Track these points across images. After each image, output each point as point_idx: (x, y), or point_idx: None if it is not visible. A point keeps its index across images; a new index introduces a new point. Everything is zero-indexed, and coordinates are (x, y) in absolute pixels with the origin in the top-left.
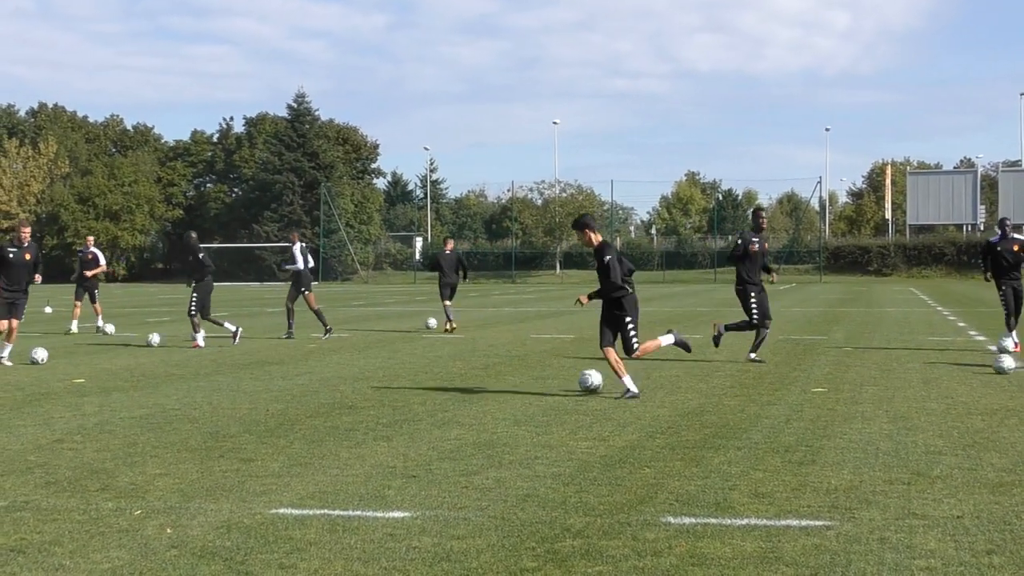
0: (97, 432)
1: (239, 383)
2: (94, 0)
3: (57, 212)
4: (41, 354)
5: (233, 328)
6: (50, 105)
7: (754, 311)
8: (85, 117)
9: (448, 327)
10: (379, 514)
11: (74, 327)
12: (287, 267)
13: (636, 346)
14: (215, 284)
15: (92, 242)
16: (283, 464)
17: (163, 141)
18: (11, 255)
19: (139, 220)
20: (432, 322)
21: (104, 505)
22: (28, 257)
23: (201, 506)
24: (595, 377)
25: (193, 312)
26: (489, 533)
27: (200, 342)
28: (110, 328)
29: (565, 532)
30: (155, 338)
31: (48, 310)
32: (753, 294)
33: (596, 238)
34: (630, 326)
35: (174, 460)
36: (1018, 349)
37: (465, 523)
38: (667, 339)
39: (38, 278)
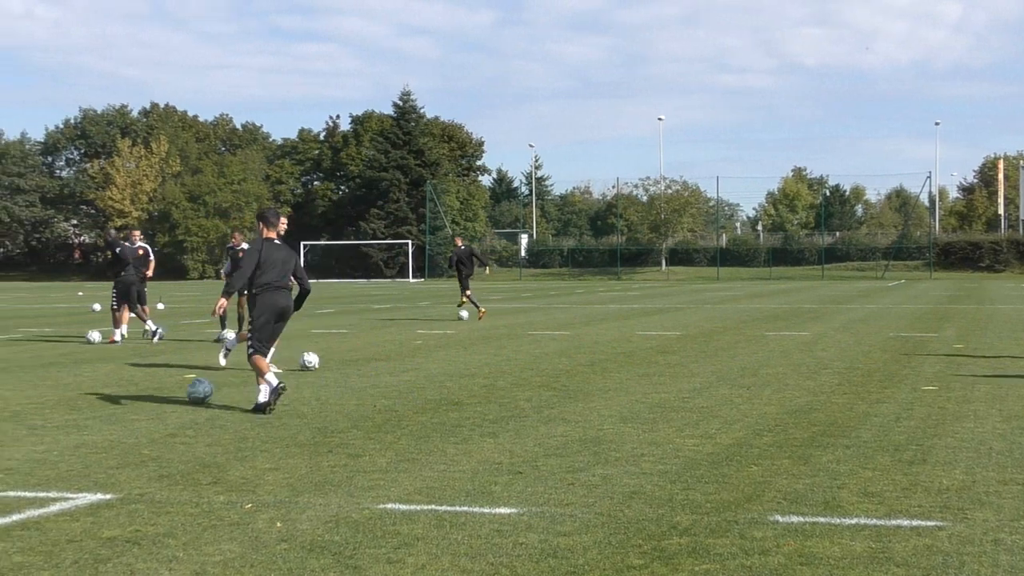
0: (208, 427)
1: (346, 379)
2: (206, 1)
3: (168, 210)
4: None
5: (153, 328)
6: (162, 105)
7: None
8: (195, 116)
9: (480, 313)
10: (485, 510)
11: (117, 336)
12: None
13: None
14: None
15: (140, 236)
16: (390, 460)
17: (271, 139)
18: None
19: (248, 218)
20: (464, 314)
21: (216, 499)
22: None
23: (310, 500)
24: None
25: (114, 307)
26: (595, 530)
27: (117, 337)
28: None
29: (672, 530)
30: (94, 335)
31: (161, 306)
32: None
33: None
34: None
35: (283, 455)
36: None
37: (571, 520)
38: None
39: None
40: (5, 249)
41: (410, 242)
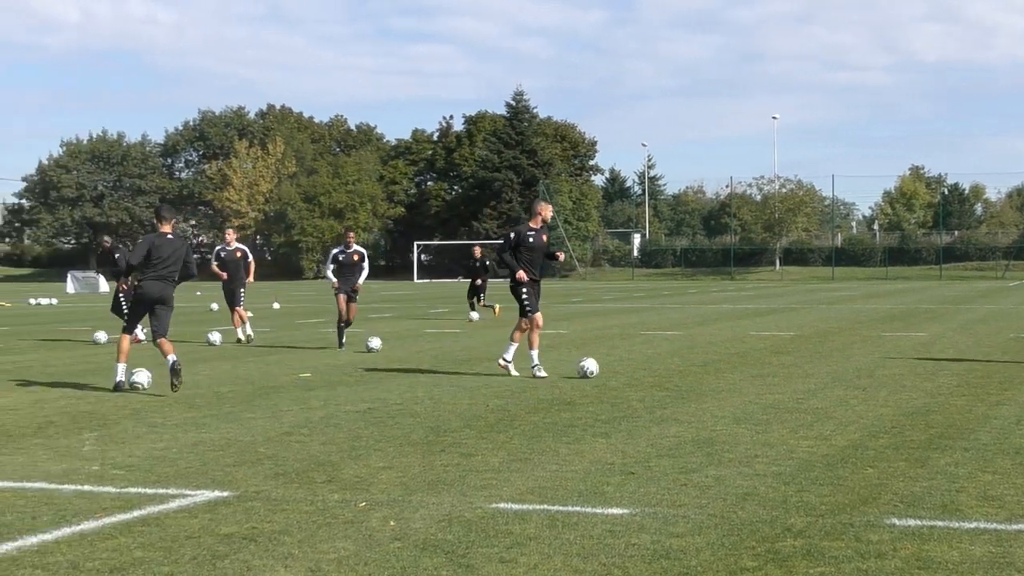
0: (323, 425)
1: (459, 379)
2: (321, 3)
3: (284, 210)
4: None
5: (247, 335)
6: (278, 107)
7: None
8: (311, 118)
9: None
10: (598, 510)
11: (240, 334)
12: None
13: None
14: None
15: (234, 237)
16: (503, 459)
17: (385, 140)
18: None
19: (362, 218)
20: (475, 315)
21: (330, 497)
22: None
23: (423, 499)
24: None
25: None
26: (708, 531)
27: (140, 336)
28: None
29: (786, 532)
30: (101, 336)
31: (276, 306)
32: None
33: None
34: None
35: (397, 454)
36: None
37: (684, 521)
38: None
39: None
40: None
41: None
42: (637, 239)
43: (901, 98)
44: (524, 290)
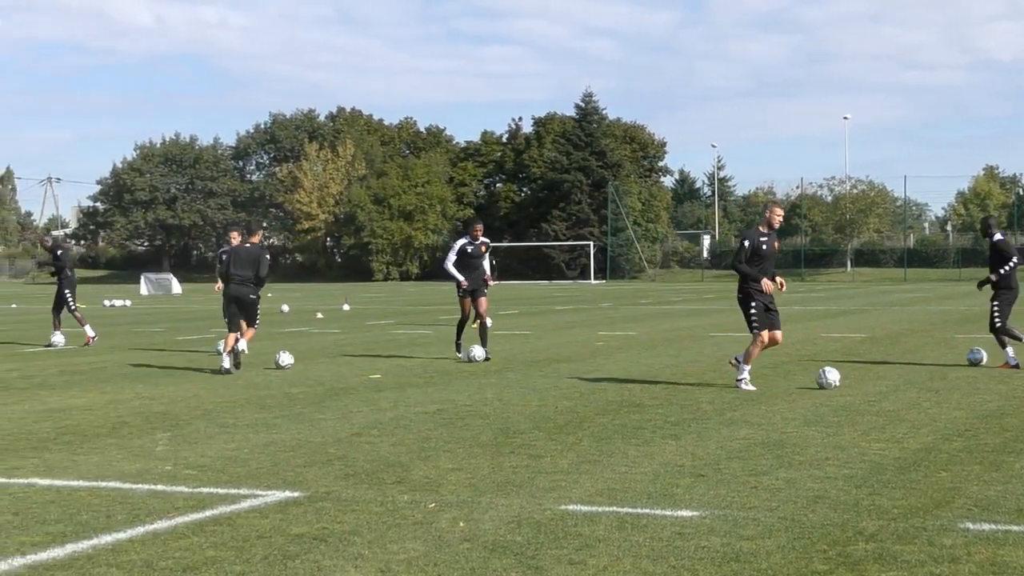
0: (393, 426)
1: (529, 380)
2: (392, 6)
3: (354, 213)
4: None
5: (92, 333)
6: (348, 109)
7: None
8: (380, 120)
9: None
10: (667, 512)
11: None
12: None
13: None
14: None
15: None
16: (572, 461)
17: (454, 142)
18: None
19: (431, 219)
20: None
21: (400, 498)
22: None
23: (492, 501)
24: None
25: (73, 308)
26: (779, 534)
27: (90, 332)
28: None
29: (857, 535)
30: (59, 338)
31: (346, 307)
32: None
33: None
34: None
35: (466, 455)
36: None
37: (754, 523)
38: None
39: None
40: (199, 251)
41: (592, 243)
42: (707, 240)
43: (975, 97)
44: (754, 304)
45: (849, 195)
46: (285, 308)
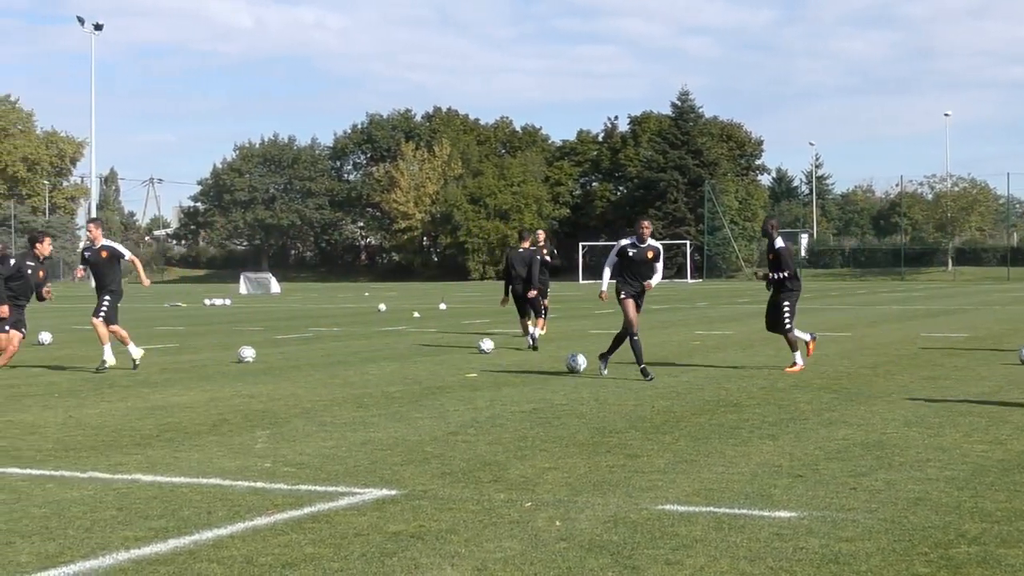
0: (489, 425)
1: (625, 380)
2: (488, 6)
3: (450, 212)
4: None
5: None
6: (444, 109)
7: None
8: (476, 120)
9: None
10: (765, 513)
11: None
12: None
13: None
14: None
15: (101, 233)
16: (669, 460)
17: (550, 141)
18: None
19: (527, 219)
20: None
21: (496, 496)
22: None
23: (589, 500)
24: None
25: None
26: (879, 536)
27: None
28: None
29: (960, 538)
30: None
31: (443, 307)
32: None
33: None
34: None
35: (562, 454)
36: None
37: (854, 525)
38: None
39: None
40: (297, 251)
41: (688, 242)
42: (805, 239)
43: None
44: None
45: (950, 193)
46: (382, 307)
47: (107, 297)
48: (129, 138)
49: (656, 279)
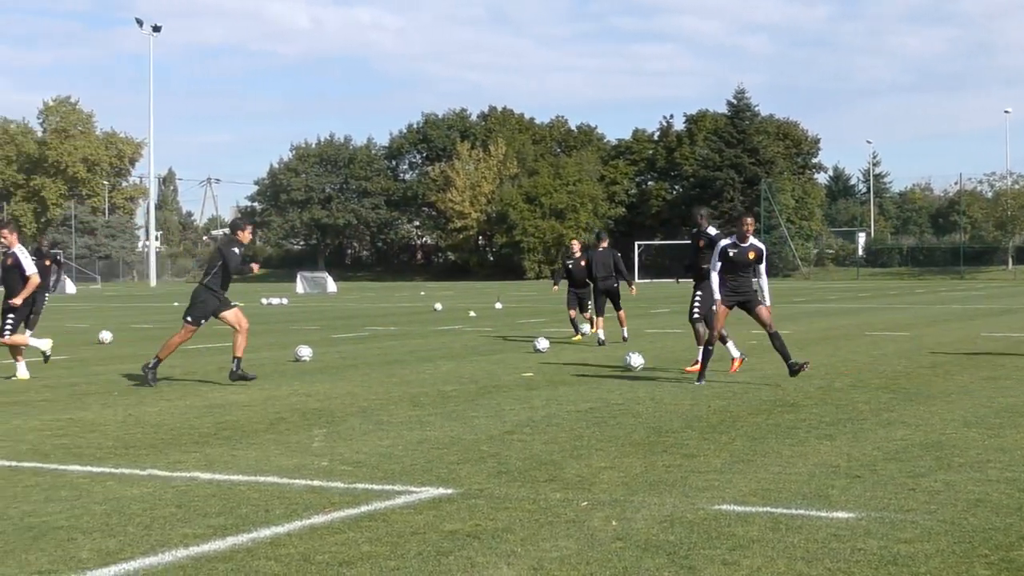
0: (545, 424)
1: (681, 379)
2: (544, 4)
3: (506, 211)
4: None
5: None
6: (499, 108)
7: None
8: (532, 119)
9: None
10: (822, 513)
11: None
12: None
13: None
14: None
15: (15, 238)
16: (725, 460)
17: (605, 140)
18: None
19: (583, 218)
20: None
21: (552, 496)
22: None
23: (645, 500)
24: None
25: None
26: (938, 538)
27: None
28: None
29: (1021, 540)
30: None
31: (498, 306)
32: None
33: None
34: None
35: (618, 454)
36: None
37: (912, 526)
38: None
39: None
40: (353, 250)
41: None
42: (862, 238)
43: None
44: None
45: (1010, 191)
46: (438, 306)
47: (11, 316)
48: (187, 138)
49: (766, 293)
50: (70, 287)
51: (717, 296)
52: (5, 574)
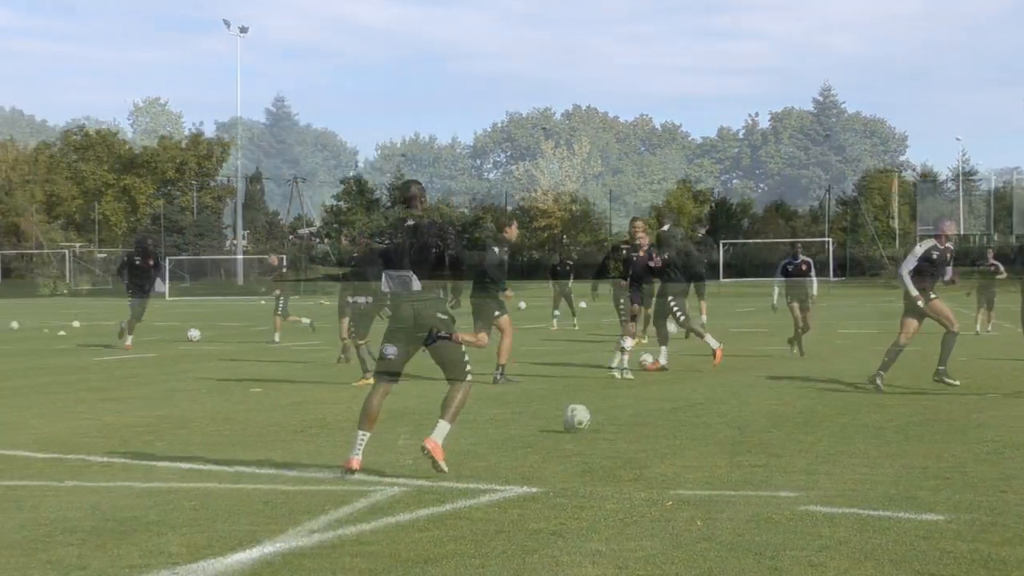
0: (631, 424)
1: (764, 378)
2: (628, 3)
3: (590, 210)
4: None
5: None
6: (583, 107)
7: None
8: (616, 117)
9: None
10: (910, 515)
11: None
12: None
13: None
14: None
15: None
16: (810, 461)
17: (690, 138)
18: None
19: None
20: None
21: (637, 495)
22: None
23: (730, 499)
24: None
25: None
26: None
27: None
28: None
29: None
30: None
31: (582, 304)
32: None
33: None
34: None
35: (703, 453)
36: None
37: (1004, 529)
38: None
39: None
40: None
41: (830, 240)
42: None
43: None
44: None
45: None
46: (522, 305)
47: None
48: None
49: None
50: (159, 285)
51: (911, 289)
52: (98, 568)
